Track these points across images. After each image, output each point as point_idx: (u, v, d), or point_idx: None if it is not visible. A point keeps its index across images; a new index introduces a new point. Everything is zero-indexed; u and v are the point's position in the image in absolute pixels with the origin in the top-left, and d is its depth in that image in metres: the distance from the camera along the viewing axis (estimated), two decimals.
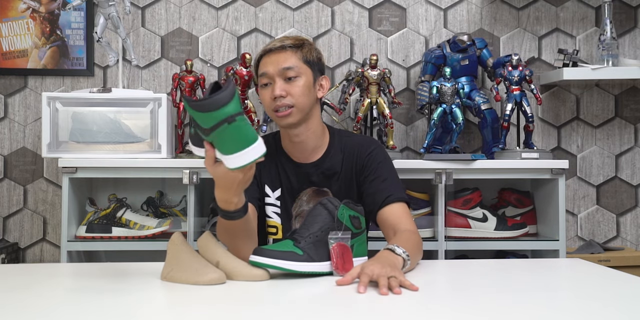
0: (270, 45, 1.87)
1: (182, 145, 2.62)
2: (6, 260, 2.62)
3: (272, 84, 1.83)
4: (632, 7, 2.91)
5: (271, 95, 1.82)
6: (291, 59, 1.84)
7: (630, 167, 2.90)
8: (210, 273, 1.43)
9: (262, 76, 1.85)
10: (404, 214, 1.81)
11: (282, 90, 1.81)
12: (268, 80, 1.84)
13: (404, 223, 1.78)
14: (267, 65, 1.84)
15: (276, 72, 1.82)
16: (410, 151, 2.85)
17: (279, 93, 1.81)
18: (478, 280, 1.60)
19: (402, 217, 1.80)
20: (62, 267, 2.00)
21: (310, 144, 1.90)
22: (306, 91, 1.84)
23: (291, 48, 1.85)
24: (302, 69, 1.85)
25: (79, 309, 1.23)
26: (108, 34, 2.68)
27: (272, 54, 1.85)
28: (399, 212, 1.80)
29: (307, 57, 1.86)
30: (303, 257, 1.50)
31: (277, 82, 1.82)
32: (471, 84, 2.72)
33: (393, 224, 1.78)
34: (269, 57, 1.85)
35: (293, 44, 1.86)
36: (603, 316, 1.19)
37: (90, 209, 2.55)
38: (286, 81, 1.82)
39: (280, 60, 1.83)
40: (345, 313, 1.22)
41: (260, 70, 1.86)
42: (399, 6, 2.87)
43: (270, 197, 1.91)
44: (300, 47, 1.86)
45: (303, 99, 1.83)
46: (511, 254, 2.66)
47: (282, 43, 1.85)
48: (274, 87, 1.82)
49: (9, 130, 2.80)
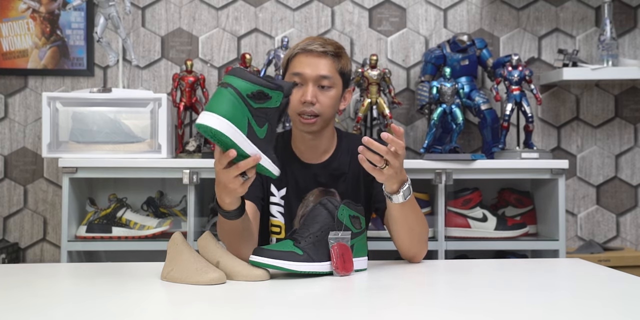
0: (311, 45, 1.82)
1: (182, 145, 2.62)
2: (6, 260, 2.62)
3: (304, 87, 1.81)
4: (632, 7, 2.91)
5: (301, 98, 1.80)
6: (330, 67, 1.81)
7: (630, 167, 2.90)
8: (210, 273, 1.43)
9: (296, 75, 1.81)
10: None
11: (314, 97, 1.79)
12: (300, 81, 1.81)
13: None
14: (305, 67, 1.81)
15: (313, 77, 1.80)
16: (410, 151, 2.85)
17: (311, 99, 1.79)
18: (478, 280, 1.60)
19: None
20: (62, 267, 2.00)
21: (322, 146, 1.90)
22: (334, 103, 1.84)
23: (332, 56, 1.82)
24: (336, 80, 1.83)
25: (79, 309, 1.23)
26: (108, 34, 2.68)
27: (310, 55, 1.81)
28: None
29: (343, 69, 1.85)
30: (303, 257, 1.50)
31: (310, 86, 1.80)
32: (471, 84, 2.72)
33: None
34: (307, 58, 1.81)
35: (334, 52, 1.83)
36: (603, 316, 1.19)
37: (91, 209, 2.55)
38: (319, 88, 1.81)
39: (320, 66, 1.80)
40: (345, 313, 1.22)
41: (295, 68, 1.82)
42: (399, 6, 2.87)
43: (275, 196, 1.91)
44: (339, 57, 1.84)
45: (330, 110, 1.83)
46: (511, 254, 2.66)
47: (325, 48, 1.81)
48: (306, 91, 1.80)
49: (9, 130, 2.80)
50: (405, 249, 1.74)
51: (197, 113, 2.64)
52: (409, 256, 1.76)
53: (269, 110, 1.46)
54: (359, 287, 1.48)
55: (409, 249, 1.74)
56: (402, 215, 1.68)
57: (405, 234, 1.71)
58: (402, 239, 1.72)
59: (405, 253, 1.75)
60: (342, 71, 1.85)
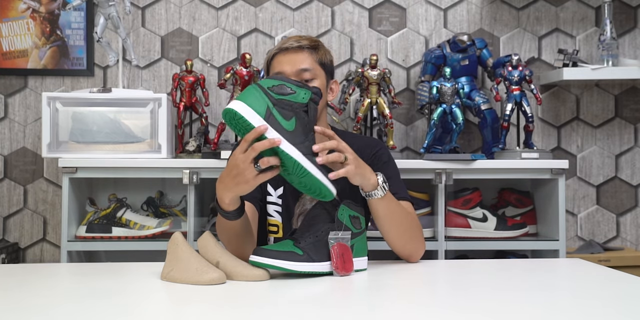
0: (286, 43, 1.84)
1: (182, 145, 2.62)
2: (6, 260, 2.62)
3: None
4: (632, 7, 2.91)
5: None
6: (308, 60, 1.82)
7: (630, 167, 2.90)
8: (210, 273, 1.43)
9: (278, 75, 1.82)
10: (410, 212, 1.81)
11: None
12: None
13: None
14: (284, 65, 1.82)
15: (293, 72, 1.81)
16: (410, 151, 2.85)
17: None
18: (478, 280, 1.60)
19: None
20: (62, 267, 2.00)
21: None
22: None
23: (308, 49, 1.83)
24: (318, 71, 1.84)
25: (79, 309, 1.23)
26: (108, 34, 2.68)
27: (288, 53, 1.83)
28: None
29: (323, 60, 1.86)
30: (303, 257, 1.50)
31: None
32: (471, 84, 2.72)
33: None
34: (285, 56, 1.83)
35: (310, 45, 1.84)
36: (603, 316, 1.19)
37: (90, 209, 2.55)
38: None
39: (298, 61, 1.82)
40: (345, 313, 1.22)
41: (275, 68, 1.84)
42: (399, 6, 2.87)
43: (272, 195, 1.91)
44: (316, 49, 1.85)
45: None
46: (511, 254, 2.66)
47: (299, 43, 1.83)
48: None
49: (9, 130, 2.80)
50: (399, 246, 1.74)
51: (197, 113, 2.64)
52: (405, 255, 1.75)
53: (295, 104, 1.51)
54: (359, 287, 1.48)
55: (403, 247, 1.74)
56: (388, 211, 1.68)
57: (396, 231, 1.71)
58: (394, 236, 1.72)
59: (400, 252, 1.75)
60: (321, 62, 1.85)
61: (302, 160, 1.48)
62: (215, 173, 2.42)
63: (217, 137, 2.53)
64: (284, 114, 1.49)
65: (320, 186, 1.51)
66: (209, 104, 2.68)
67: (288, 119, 1.49)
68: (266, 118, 1.48)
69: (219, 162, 2.39)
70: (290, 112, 1.50)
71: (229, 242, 1.70)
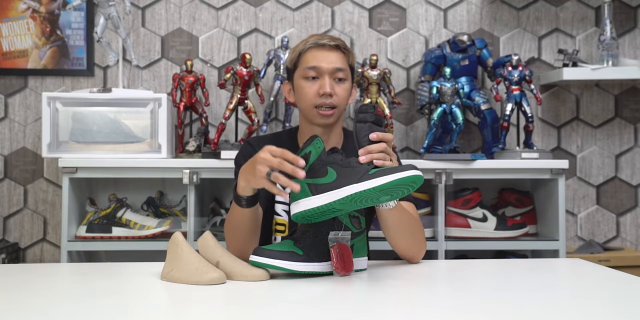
0: (323, 40, 1.85)
1: (182, 145, 2.62)
2: (6, 260, 2.62)
3: (320, 80, 1.82)
4: (632, 7, 2.91)
5: (319, 91, 1.81)
6: (342, 60, 1.85)
7: (630, 167, 2.90)
8: (210, 273, 1.43)
9: (311, 69, 1.83)
10: (412, 212, 1.81)
11: (332, 89, 1.81)
12: (316, 75, 1.83)
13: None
14: (320, 60, 1.83)
15: (329, 69, 1.82)
16: (410, 151, 2.85)
17: (330, 91, 1.81)
18: (478, 280, 1.60)
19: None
20: (62, 267, 2.00)
21: (332, 143, 1.91)
22: (348, 95, 1.87)
23: (343, 50, 1.86)
24: (348, 73, 1.86)
25: (79, 308, 1.23)
26: (108, 34, 2.68)
27: (323, 49, 1.84)
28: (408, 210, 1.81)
29: (352, 63, 1.89)
30: (303, 257, 1.50)
31: (327, 79, 1.82)
32: (471, 84, 2.72)
33: None
34: (321, 52, 1.84)
35: (344, 46, 1.86)
36: (603, 316, 1.19)
37: (91, 209, 2.55)
38: (334, 81, 1.83)
39: (333, 59, 1.83)
40: (345, 313, 1.22)
41: (310, 63, 1.84)
42: (399, 6, 2.87)
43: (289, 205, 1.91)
44: (348, 51, 1.88)
45: (344, 102, 1.86)
46: (511, 254, 2.66)
47: (335, 42, 1.85)
48: (324, 84, 1.81)
49: (9, 130, 2.80)
50: (404, 250, 1.74)
51: (197, 113, 2.64)
52: (408, 257, 1.76)
53: (316, 160, 1.51)
54: (359, 287, 1.48)
55: (408, 250, 1.74)
56: (398, 221, 1.69)
57: (403, 238, 1.72)
58: (400, 242, 1.73)
59: (404, 254, 1.76)
60: (351, 65, 1.89)
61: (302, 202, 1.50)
62: (215, 173, 2.42)
63: (217, 137, 2.53)
64: (318, 175, 1.49)
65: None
66: (209, 104, 2.68)
67: (324, 175, 1.49)
68: (312, 191, 1.49)
69: (219, 162, 2.39)
70: (322, 167, 1.50)
71: (234, 235, 1.72)
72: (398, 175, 1.44)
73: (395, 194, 1.49)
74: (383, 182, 1.44)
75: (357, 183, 1.45)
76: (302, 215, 1.51)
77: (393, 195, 1.49)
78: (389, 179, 1.44)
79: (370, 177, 1.45)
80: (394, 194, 1.49)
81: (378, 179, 1.44)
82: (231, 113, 2.56)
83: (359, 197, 1.46)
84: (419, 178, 1.46)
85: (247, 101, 2.57)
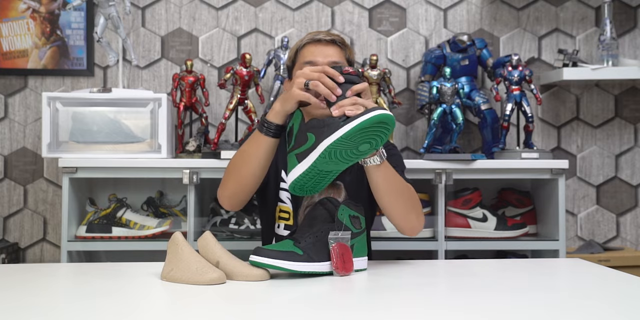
0: (319, 35, 1.88)
1: (182, 145, 2.62)
2: (6, 260, 2.62)
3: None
4: (632, 7, 2.91)
5: None
6: (339, 54, 1.87)
7: (630, 167, 2.90)
8: (210, 273, 1.43)
9: (308, 64, 1.85)
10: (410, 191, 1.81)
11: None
12: None
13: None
14: (317, 55, 1.86)
15: (324, 63, 1.83)
16: (410, 151, 2.85)
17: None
18: (478, 280, 1.60)
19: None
20: (62, 267, 2.00)
21: None
22: None
23: (339, 45, 1.88)
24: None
25: (79, 309, 1.23)
26: (108, 34, 2.68)
27: (319, 44, 1.87)
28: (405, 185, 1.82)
29: (349, 57, 1.91)
30: (303, 257, 1.50)
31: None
32: (471, 84, 2.72)
33: None
34: (317, 47, 1.87)
35: (341, 41, 1.89)
36: (603, 316, 1.19)
37: (91, 209, 2.55)
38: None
39: (330, 54, 1.86)
40: (345, 313, 1.22)
41: (307, 57, 1.86)
42: (399, 6, 2.87)
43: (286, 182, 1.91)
44: (345, 46, 1.90)
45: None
46: (511, 254, 2.66)
47: (332, 37, 1.87)
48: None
49: (9, 130, 2.80)
50: (400, 218, 1.74)
51: (197, 113, 2.64)
52: (407, 227, 1.75)
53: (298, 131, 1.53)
54: (359, 287, 1.48)
55: (404, 218, 1.74)
56: (386, 180, 1.68)
57: (395, 201, 1.71)
58: (394, 207, 1.72)
59: (402, 224, 1.75)
60: (348, 59, 1.90)
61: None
62: (215, 173, 2.42)
63: (217, 137, 2.53)
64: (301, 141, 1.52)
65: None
66: (209, 104, 2.68)
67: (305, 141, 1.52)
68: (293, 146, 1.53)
69: (219, 162, 2.39)
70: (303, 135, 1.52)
71: (240, 172, 1.73)
72: (364, 117, 1.44)
73: (372, 140, 1.49)
74: (351, 128, 1.45)
75: (328, 137, 1.47)
76: (296, 186, 1.52)
77: (371, 142, 1.49)
78: (356, 123, 1.45)
79: (340, 127, 1.46)
80: (372, 141, 1.49)
81: (346, 126, 1.46)
82: (231, 113, 2.56)
83: (335, 149, 1.46)
84: (387, 117, 1.46)
85: (247, 101, 2.58)
